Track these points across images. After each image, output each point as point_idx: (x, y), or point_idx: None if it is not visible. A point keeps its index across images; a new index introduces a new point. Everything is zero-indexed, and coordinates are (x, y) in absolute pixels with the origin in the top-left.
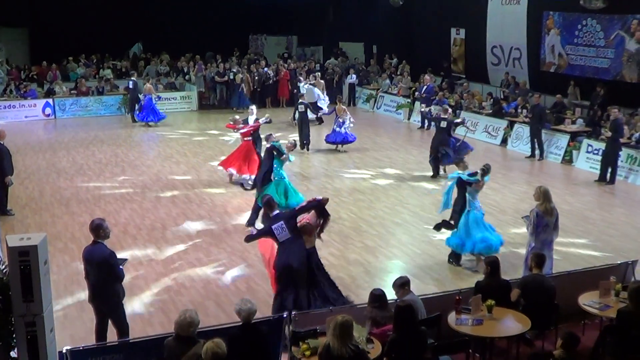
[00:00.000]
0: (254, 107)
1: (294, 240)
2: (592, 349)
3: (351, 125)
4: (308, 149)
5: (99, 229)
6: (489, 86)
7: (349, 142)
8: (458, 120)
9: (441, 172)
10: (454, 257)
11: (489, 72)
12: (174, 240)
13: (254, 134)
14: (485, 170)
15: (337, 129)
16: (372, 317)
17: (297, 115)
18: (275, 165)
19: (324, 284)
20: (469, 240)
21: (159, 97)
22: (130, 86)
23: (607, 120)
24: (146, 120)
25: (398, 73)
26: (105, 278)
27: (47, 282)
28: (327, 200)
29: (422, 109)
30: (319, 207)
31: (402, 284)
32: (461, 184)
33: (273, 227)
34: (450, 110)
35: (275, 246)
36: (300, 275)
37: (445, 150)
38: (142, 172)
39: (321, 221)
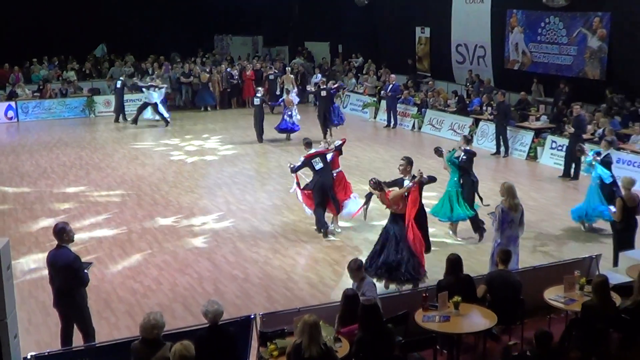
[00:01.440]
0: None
1: (326, 168)
2: (558, 342)
3: (297, 117)
4: (262, 140)
5: (62, 233)
6: (454, 84)
7: (295, 131)
8: (335, 86)
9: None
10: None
11: (454, 70)
12: (140, 242)
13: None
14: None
15: (287, 119)
16: (341, 316)
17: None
18: None
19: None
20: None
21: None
22: (118, 86)
23: (570, 117)
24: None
25: (364, 72)
26: (70, 282)
27: (10, 288)
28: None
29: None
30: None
31: (358, 267)
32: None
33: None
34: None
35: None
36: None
37: (328, 115)
38: (107, 174)
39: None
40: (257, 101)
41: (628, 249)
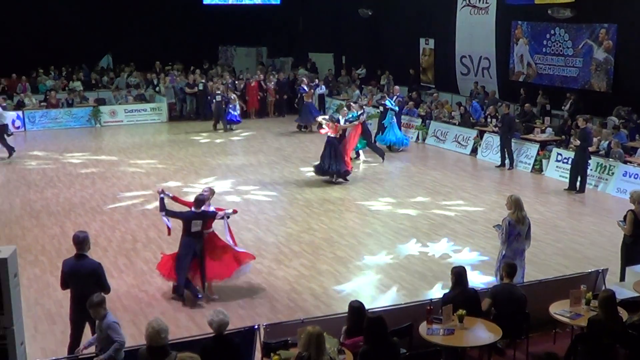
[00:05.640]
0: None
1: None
2: (563, 358)
3: (238, 110)
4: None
5: (85, 242)
6: (459, 96)
7: (237, 122)
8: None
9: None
10: None
11: (459, 82)
12: (145, 252)
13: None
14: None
15: (231, 112)
16: (348, 328)
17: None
18: None
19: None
20: None
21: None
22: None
23: (576, 129)
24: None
25: (381, 82)
26: (93, 289)
27: (17, 295)
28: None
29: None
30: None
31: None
32: None
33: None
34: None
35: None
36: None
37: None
38: (112, 183)
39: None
40: (218, 97)
41: (636, 264)
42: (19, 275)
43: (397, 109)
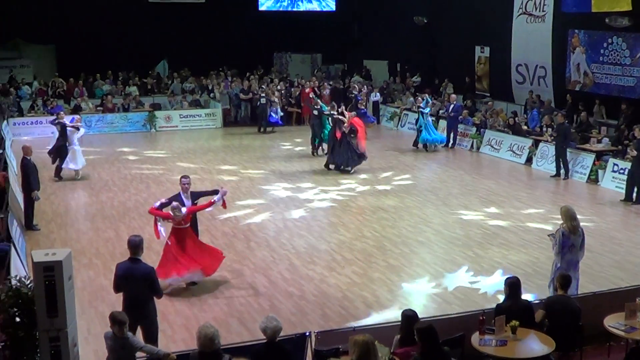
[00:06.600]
0: None
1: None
2: None
3: (280, 114)
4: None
5: (139, 246)
6: (514, 104)
7: (279, 125)
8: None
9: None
10: None
11: (514, 91)
12: None
13: None
14: None
15: (273, 115)
16: (402, 337)
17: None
18: None
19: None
20: None
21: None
22: (264, 102)
23: (632, 140)
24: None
25: (440, 90)
26: (146, 293)
27: (71, 298)
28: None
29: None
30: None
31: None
32: None
33: None
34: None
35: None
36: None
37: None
38: (166, 188)
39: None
40: (262, 100)
41: None
42: (74, 278)
43: (427, 110)
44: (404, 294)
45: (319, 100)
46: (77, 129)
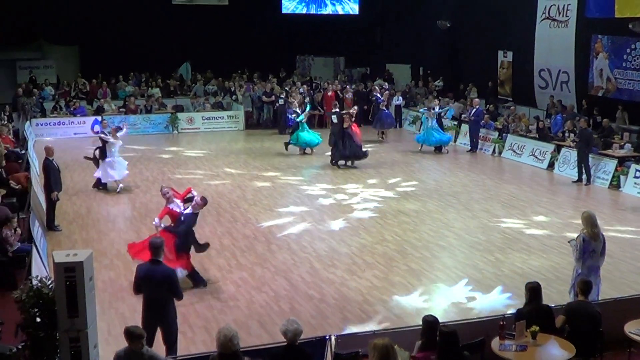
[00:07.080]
0: None
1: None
2: None
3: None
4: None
5: (160, 248)
6: (536, 109)
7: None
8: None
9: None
10: None
11: (536, 96)
12: (218, 259)
13: None
14: None
15: (290, 116)
16: (424, 342)
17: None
18: None
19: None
20: None
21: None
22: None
23: None
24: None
25: (465, 94)
26: (166, 295)
27: (92, 299)
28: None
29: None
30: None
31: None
32: None
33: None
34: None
35: None
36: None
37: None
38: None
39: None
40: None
41: None
42: (94, 279)
43: (437, 110)
44: (424, 298)
45: (295, 102)
46: (118, 132)
